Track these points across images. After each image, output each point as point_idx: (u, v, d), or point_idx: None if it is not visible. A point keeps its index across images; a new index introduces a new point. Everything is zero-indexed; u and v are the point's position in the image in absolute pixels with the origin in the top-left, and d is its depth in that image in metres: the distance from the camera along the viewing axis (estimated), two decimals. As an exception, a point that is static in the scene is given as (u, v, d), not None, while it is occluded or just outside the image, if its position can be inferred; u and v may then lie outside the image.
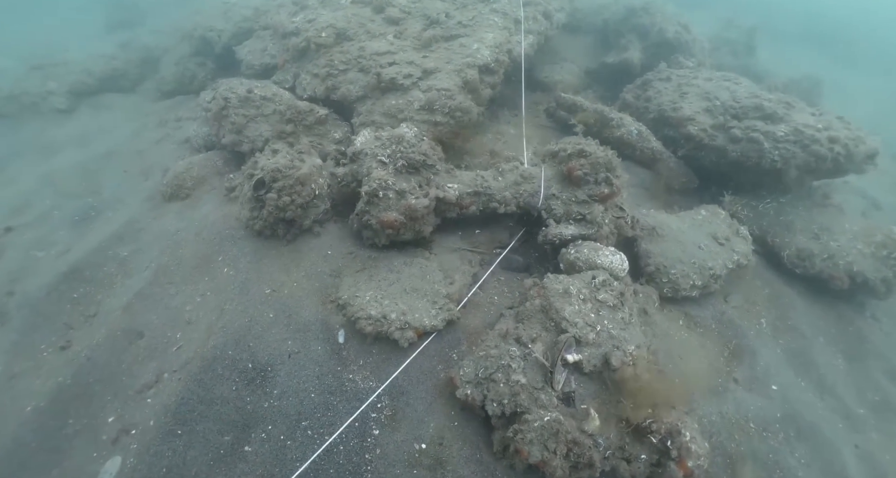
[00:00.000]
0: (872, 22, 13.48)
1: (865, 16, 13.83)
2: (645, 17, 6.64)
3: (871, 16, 13.88)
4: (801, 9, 13.64)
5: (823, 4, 14.02)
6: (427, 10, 5.25)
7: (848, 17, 13.56)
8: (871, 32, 12.96)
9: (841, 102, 8.58)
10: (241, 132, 4.79)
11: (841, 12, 13.84)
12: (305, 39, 5.18)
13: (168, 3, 11.35)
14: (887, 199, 6.35)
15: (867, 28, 13.10)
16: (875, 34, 12.96)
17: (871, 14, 14.04)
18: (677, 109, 5.22)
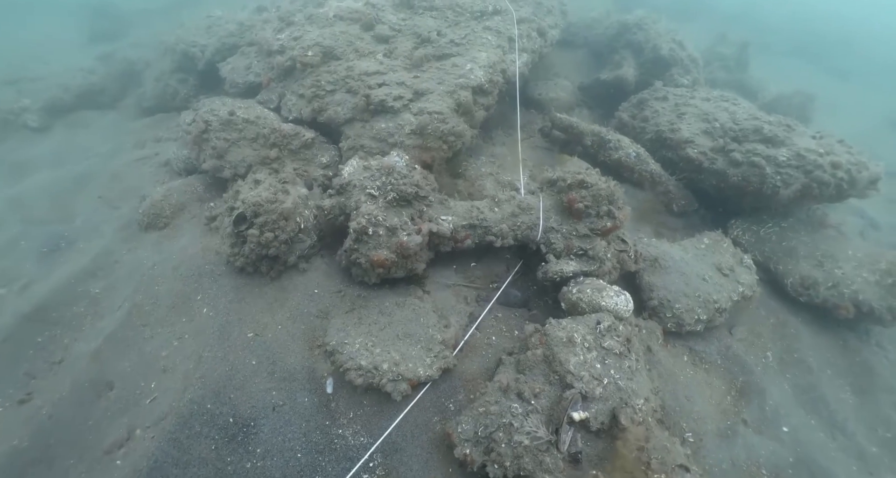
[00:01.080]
0: (863, 36, 13.54)
1: (856, 30, 13.90)
2: (639, 33, 6.48)
3: (861, 30, 13.96)
4: (791, 22, 13.67)
5: (813, 18, 14.08)
6: (418, 28, 5.01)
7: (838, 32, 13.62)
8: (862, 47, 13.03)
9: (833, 118, 8.54)
10: (223, 157, 4.51)
11: (831, 26, 13.90)
12: (291, 58, 4.91)
13: (153, 13, 11.01)
14: (885, 218, 6.25)
15: (858, 42, 13.17)
16: (865, 48, 13.02)
17: (861, 28, 14.11)
18: (675, 131, 5.04)
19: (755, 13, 13.73)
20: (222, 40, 6.31)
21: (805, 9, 14.88)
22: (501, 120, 5.60)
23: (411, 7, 5.40)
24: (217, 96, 5.73)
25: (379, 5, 5.39)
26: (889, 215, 6.50)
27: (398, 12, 5.37)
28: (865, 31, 13.76)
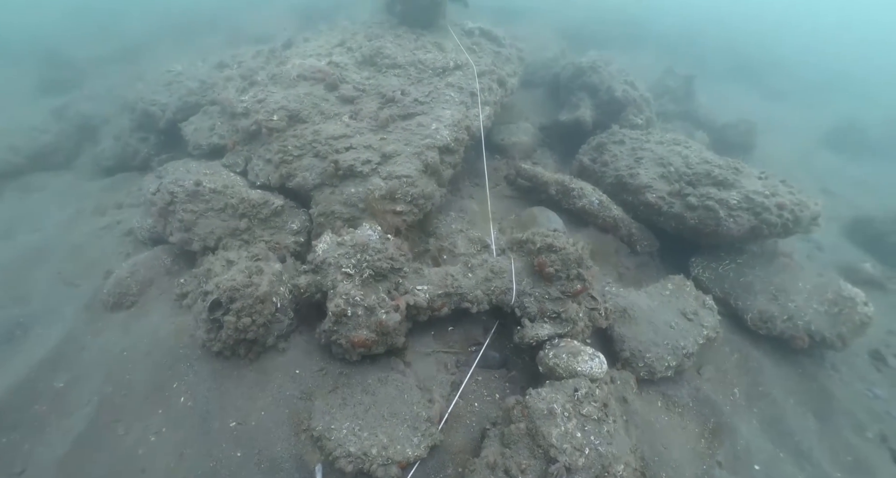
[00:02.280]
0: (790, 57, 14.60)
1: (783, 52, 14.97)
2: (594, 76, 6.79)
3: (788, 51, 15.04)
4: (726, 48, 14.60)
5: (746, 43, 15.09)
6: (382, 88, 5.10)
7: (768, 54, 14.63)
8: (790, 67, 14.02)
9: (774, 141, 9.13)
10: (191, 230, 4.44)
11: (762, 49, 14.92)
12: (256, 122, 4.90)
13: (106, 61, 10.73)
14: (826, 239, 6.70)
15: (786, 63, 14.18)
16: (793, 69, 14.03)
17: (788, 50, 15.22)
18: (634, 176, 5.30)
19: (694, 41, 14.64)
20: (183, 99, 6.22)
21: (737, 34, 15.95)
22: (467, 168, 5.73)
23: (374, 65, 5.49)
24: (180, 160, 5.66)
25: (342, 64, 5.46)
26: (829, 235, 6.97)
27: (362, 70, 5.45)
28: (792, 52, 14.85)
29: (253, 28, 11.52)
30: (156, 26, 12.73)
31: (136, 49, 11.53)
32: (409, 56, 5.52)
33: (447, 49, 5.91)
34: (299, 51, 6.10)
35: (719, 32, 15.90)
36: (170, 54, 10.91)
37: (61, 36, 12.84)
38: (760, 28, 17.99)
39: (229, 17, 12.54)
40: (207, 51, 10.59)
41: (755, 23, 18.70)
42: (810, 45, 17.34)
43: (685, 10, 17.87)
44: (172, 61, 9.67)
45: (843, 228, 7.17)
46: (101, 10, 14.65)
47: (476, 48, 6.23)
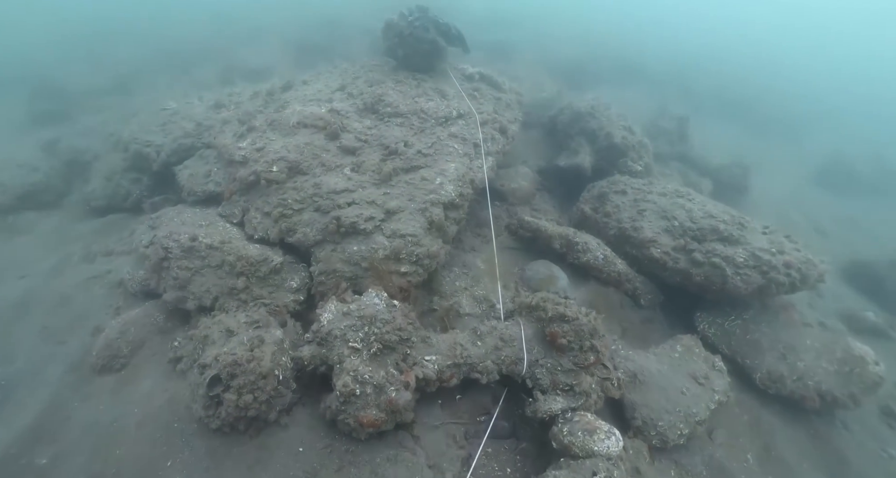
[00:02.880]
0: (774, 94, 15.05)
1: (767, 89, 15.43)
2: (592, 121, 6.83)
3: (771, 89, 15.52)
4: (714, 86, 15.02)
5: (731, 83, 15.55)
6: (384, 139, 5.03)
7: (754, 91, 15.05)
8: (774, 104, 14.42)
9: (765, 180, 9.25)
10: (185, 288, 4.27)
11: (747, 87, 15.36)
12: (255, 173, 4.78)
13: (100, 93, 10.57)
14: (825, 286, 6.71)
15: (770, 100, 14.59)
16: (777, 106, 14.43)
17: (771, 87, 15.69)
18: (638, 229, 5.27)
19: (684, 76, 15.08)
20: (178, 141, 6.09)
21: (725, 69, 16.46)
22: (469, 218, 5.65)
23: (376, 112, 5.43)
24: (174, 206, 5.49)
25: (343, 111, 5.40)
26: (828, 280, 6.98)
27: (363, 118, 5.39)
28: (777, 85, 15.32)
29: (248, 59, 11.49)
30: (150, 56, 12.65)
31: (130, 79, 11.41)
32: (410, 104, 5.48)
33: (449, 95, 5.89)
34: (298, 94, 6.02)
35: (708, 67, 16.41)
36: (164, 85, 10.84)
37: (53, 63, 12.71)
38: (746, 62, 18.60)
39: (224, 48, 12.51)
40: (203, 83, 10.55)
41: (741, 57, 19.34)
42: (794, 78, 17.92)
43: (674, 46, 18.46)
44: (167, 94, 9.61)
45: (842, 271, 7.22)
46: (94, 38, 14.57)
47: (477, 94, 6.22)
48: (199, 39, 13.64)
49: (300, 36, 13.26)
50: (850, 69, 22.34)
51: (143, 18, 16.69)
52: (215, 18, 16.44)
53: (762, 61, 19.27)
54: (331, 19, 14.61)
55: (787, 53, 21.93)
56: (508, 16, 18.33)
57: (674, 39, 19.90)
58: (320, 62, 11.52)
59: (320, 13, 15.44)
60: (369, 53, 11.97)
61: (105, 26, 16.20)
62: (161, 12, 17.01)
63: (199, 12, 16.84)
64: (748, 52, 20.67)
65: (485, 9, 18.77)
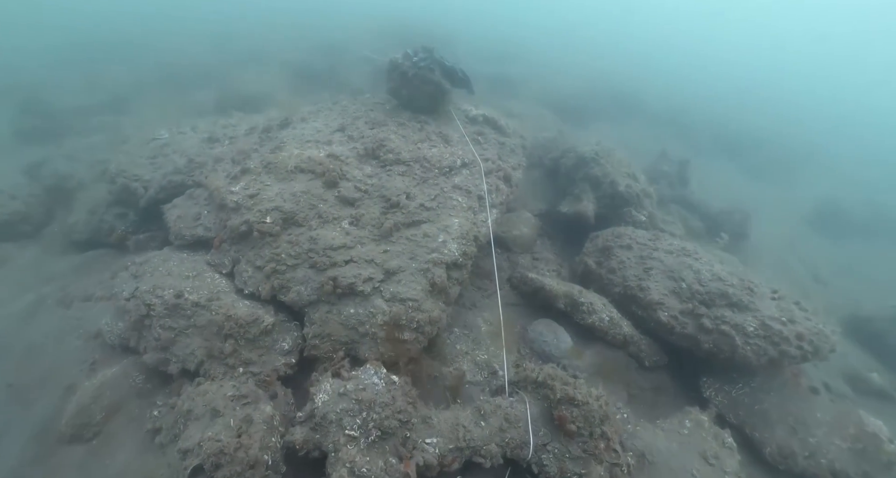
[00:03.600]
0: (771, 135, 15.24)
1: (764, 130, 15.64)
2: (596, 167, 6.70)
3: (768, 130, 15.74)
4: (711, 124, 15.18)
5: (728, 120, 15.74)
6: (385, 190, 4.81)
7: (750, 132, 15.22)
8: (771, 145, 14.59)
9: (763, 224, 9.20)
10: (168, 349, 3.98)
11: (744, 126, 15.55)
12: (247, 223, 4.52)
13: (89, 112, 10.23)
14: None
15: (767, 141, 14.76)
16: (773, 147, 14.60)
17: (768, 128, 15.92)
18: (644, 290, 5.10)
19: (682, 115, 15.22)
20: (168, 177, 5.80)
21: (720, 110, 16.69)
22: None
23: (377, 158, 5.22)
24: (160, 249, 5.19)
25: (343, 156, 5.17)
26: None
27: (363, 164, 5.17)
28: (772, 131, 15.57)
29: (246, 85, 11.24)
30: (146, 74, 12.38)
31: (124, 98, 11.12)
32: (413, 150, 5.28)
33: (452, 140, 5.72)
34: (296, 133, 5.80)
35: (704, 104, 16.60)
36: (158, 107, 10.54)
37: (44, 75, 12.36)
38: (742, 100, 18.91)
39: (221, 73, 12.24)
40: (198, 107, 10.28)
41: (737, 94, 19.68)
42: (788, 116, 18.21)
43: (672, 82, 18.74)
44: (160, 118, 9.32)
45: (842, 323, 7.12)
46: (89, 50, 14.25)
47: (481, 138, 6.06)
48: (197, 60, 13.38)
49: (300, 61, 13.07)
50: (841, 111, 22.81)
51: (142, 33, 16.45)
52: (215, 38, 16.22)
53: (758, 99, 19.61)
54: (332, 46, 14.49)
55: (781, 92, 22.40)
56: (510, 48, 18.52)
57: (671, 75, 20.28)
58: (319, 89, 11.36)
59: (321, 38, 15.34)
60: (370, 83, 11.86)
61: (101, 38, 15.89)
62: (162, 28, 16.78)
63: (200, 31, 16.65)
64: (743, 89, 21.08)
65: (485, 40, 18.91)
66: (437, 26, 17.73)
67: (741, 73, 25.89)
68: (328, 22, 18.13)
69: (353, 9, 21.60)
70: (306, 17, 19.26)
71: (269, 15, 19.19)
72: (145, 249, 5.80)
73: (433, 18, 19.36)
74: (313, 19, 18.88)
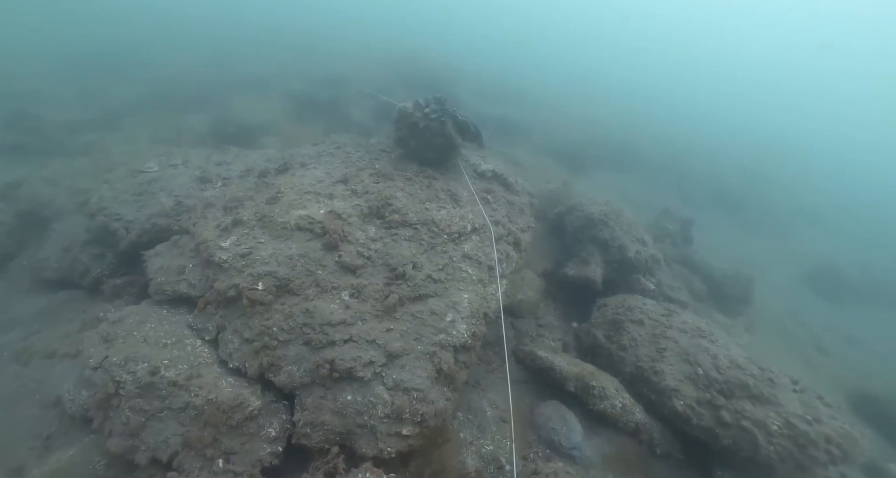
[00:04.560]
0: (766, 189, 15.41)
1: (759, 183, 15.82)
2: (605, 229, 6.42)
3: (763, 183, 15.92)
4: (708, 175, 15.28)
5: (725, 172, 15.89)
6: (391, 258, 4.40)
7: (746, 184, 15.38)
8: (766, 199, 14.71)
9: (766, 286, 9.05)
10: (138, 435, 3.46)
11: (741, 179, 15.71)
12: (236, 288, 4.05)
13: (77, 129, 9.67)
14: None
15: (763, 194, 14.89)
16: (769, 200, 14.72)
17: (764, 182, 16.11)
18: (659, 374, 4.77)
19: (678, 165, 15.32)
20: (153, 220, 5.31)
21: (718, 163, 16.88)
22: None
23: (382, 217, 4.83)
24: (136, 306, 4.66)
25: (345, 214, 4.77)
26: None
27: (367, 224, 4.77)
28: (767, 184, 15.76)
29: (243, 113, 10.74)
30: (143, 93, 11.86)
31: (117, 117, 10.58)
32: (421, 212, 4.90)
33: (461, 199, 5.37)
34: (295, 182, 5.38)
35: (701, 154, 16.75)
36: (151, 128, 10.03)
37: (38, 90, 11.74)
38: (738, 150, 19.19)
39: (219, 96, 11.78)
40: (193, 133, 9.81)
41: (733, 145, 19.97)
42: (784, 170, 18.49)
43: (670, 133, 18.95)
44: (153, 137, 8.81)
45: (850, 399, 6.91)
46: (85, 61, 13.67)
47: (490, 198, 5.73)
48: (196, 79, 12.90)
49: (301, 90, 12.69)
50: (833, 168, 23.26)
51: (143, 46, 15.92)
52: (218, 58, 15.78)
53: (757, 151, 19.91)
54: (335, 76, 14.17)
55: (777, 145, 22.81)
56: (510, 88, 18.52)
57: (669, 123, 20.49)
58: (320, 121, 11.00)
59: (324, 67, 15.03)
60: (371, 119, 11.55)
61: (102, 49, 15.30)
62: (163, 42, 16.29)
63: (201, 49, 16.22)
64: (740, 140, 21.45)
65: (487, 78, 18.90)
66: (440, 61, 17.62)
67: (739, 122, 26.42)
68: (332, 50, 17.90)
69: (357, 38, 21.56)
70: (310, 43, 19.02)
71: (273, 38, 18.92)
72: (121, 295, 5.27)
73: (436, 53, 19.27)
74: (317, 46, 18.65)
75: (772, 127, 28.27)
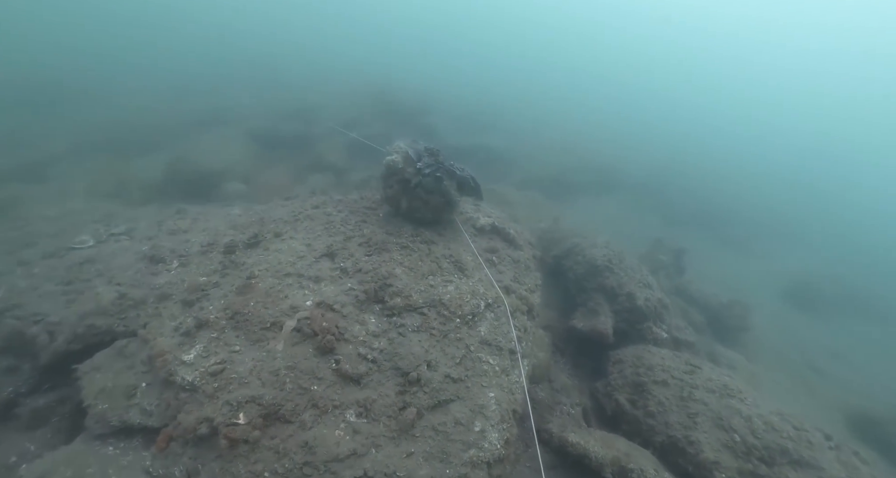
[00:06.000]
0: (744, 206, 15.81)
1: (736, 200, 16.23)
2: (610, 276, 5.88)
3: (743, 200, 16.37)
4: (685, 193, 15.43)
5: (701, 189, 16.14)
6: (400, 358, 3.57)
7: (726, 203, 15.70)
8: (744, 216, 15.05)
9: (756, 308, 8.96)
10: None
11: (720, 196, 16.02)
12: (209, 423, 3.09)
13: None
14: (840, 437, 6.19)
15: (741, 212, 15.24)
16: (747, 218, 15.08)
17: (744, 198, 16.57)
18: (694, 444, 4.25)
19: (656, 185, 15.37)
20: (88, 321, 4.13)
21: (696, 182, 17.19)
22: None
23: (382, 302, 3.98)
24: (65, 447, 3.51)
25: (338, 303, 3.87)
26: (840, 433, 6.48)
27: (365, 313, 3.90)
28: (745, 201, 16.21)
29: (202, 155, 9.33)
30: (85, 132, 10.12)
31: (50, 163, 8.92)
32: (426, 291, 4.10)
33: (466, 266, 4.60)
34: (269, 259, 4.41)
35: (681, 174, 16.91)
36: (90, 178, 8.51)
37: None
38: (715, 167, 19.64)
39: (174, 135, 10.27)
40: (140, 184, 8.43)
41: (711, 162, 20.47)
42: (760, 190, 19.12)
43: (648, 151, 19.16)
44: (90, 191, 7.50)
45: (849, 422, 6.80)
46: (21, 101, 11.59)
47: (495, 258, 5.01)
48: (149, 116, 11.27)
49: (266, 128, 11.39)
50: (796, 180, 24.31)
51: (81, 78, 13.81)
52: (171, 92, 14.02)
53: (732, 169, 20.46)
54: (301, 110, 12.95)
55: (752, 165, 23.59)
56: (486, 116, 17.98)
57: (647, 147, 20.71)
58: (289, 162, 9.86)
59: (289, 101, 13.73)
60: (344, 158, 10.54)
61: (29, 80, 13.08)
62: (108, 75, 14.28)
63: (154, 82, 14.38)
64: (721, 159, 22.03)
65: (460, 107, 18.30)
66: (412, 91, 16.72)
67: (717, 141, 27.12)
68: (296, 83, 16.59)
69: (322, 70, 20.28)
70: (272, 74, 17.58)
71: (231, 71, 17.29)
72: (45, 423, 4.02)
73: (407, 82, 18.34)
74: (280, 78, 17.25)
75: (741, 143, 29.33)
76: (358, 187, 8.48)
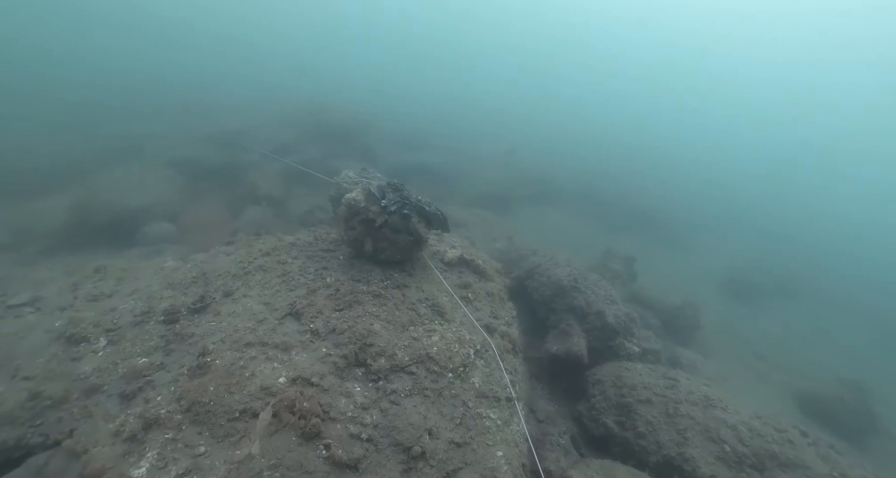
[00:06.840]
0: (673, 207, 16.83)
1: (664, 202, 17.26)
2: (578, 296, 5.84)
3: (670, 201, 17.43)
4: (620, 198, 16.16)
5: (632, 193, 16.98)
6: (397, 432, 3.13)
7: (656, 205, 16.61)
8: (672, 217, 16.00)
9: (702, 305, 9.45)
10: None
11: (650, 201, 16.92)
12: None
13: None
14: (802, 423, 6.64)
15: (671, 212, 16.19)
16: (676, 218, 16.06)
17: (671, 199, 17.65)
18: (689, 460, 4.27)
19: (593, 192, 15.99)
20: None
21: (628, 186, 18.08)
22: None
23: (364, 365, 3.52)
24: None
25: (315, 376, 3.36)
26: (793, 414, 7.00)
27: (348, 381, 3.41)
28: (672, 202, 17.28)
29: (116, 193, 7.98)
30: None
31: None
32: (410, 346, 3.70)
33: (445, 309, 4.26)
34: (225, 329, 3.75)
35: (611, 188, 17.60)
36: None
37: None
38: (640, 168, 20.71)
39: (81, 170, 8.73)
40: (37, 230, 7.09)
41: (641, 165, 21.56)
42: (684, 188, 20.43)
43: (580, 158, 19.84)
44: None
45: (800, 405, 7.40)
46: None
47: (470, 294, 4.73)
48: (49, 147, 9.57)
49: (189, 157, 10.09)
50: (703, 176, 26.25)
51: None
52: (75, 117, 12.04)
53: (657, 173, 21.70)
54: (228, 135, 11.72)
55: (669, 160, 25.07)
56: (423, 133, 17.71)
57: (579, 154, 21.43)
58: (219, 195, 8.82)
59: (212, 125, 12.35)
60: (281, 185, 9.72)
61: None
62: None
63: (54, 105, 12.28)
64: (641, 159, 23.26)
65: (393, 122, 17.87)
66: (346, 110, 15.95)
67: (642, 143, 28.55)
68: (221, 105, 15.11)
69: (245, 89, 18.73)
70: (191, 94, 15.88)
71: (144, 93, 15.34)
72: None
73: (340, 101, 17.48)
74: (200, 98, 15.62)
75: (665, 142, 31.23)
76: (303, 222, 7.80)
